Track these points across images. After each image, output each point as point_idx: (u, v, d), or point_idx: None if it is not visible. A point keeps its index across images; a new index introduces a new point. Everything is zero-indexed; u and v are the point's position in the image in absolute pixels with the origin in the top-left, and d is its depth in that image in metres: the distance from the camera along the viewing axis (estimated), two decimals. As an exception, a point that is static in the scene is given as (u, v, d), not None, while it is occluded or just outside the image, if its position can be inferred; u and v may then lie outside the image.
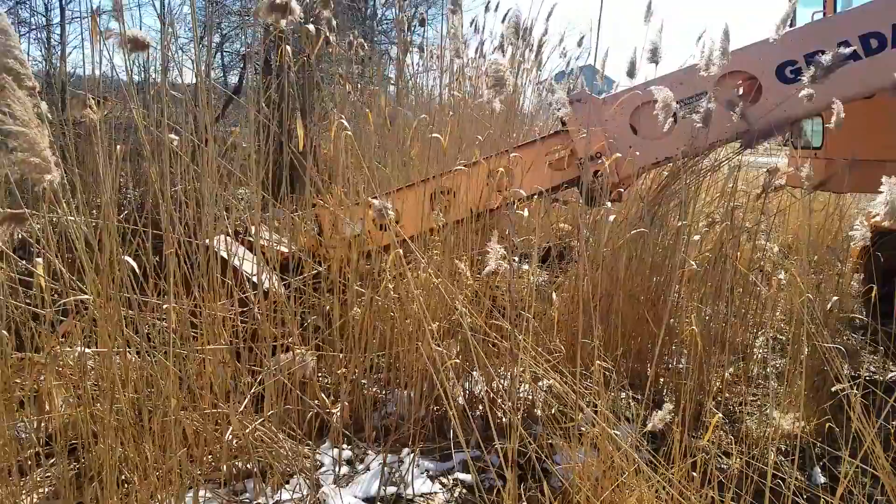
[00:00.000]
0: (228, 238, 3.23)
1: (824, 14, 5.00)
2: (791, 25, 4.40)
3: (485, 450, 2.91)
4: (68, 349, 2.50)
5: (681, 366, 3.64)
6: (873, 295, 3.36)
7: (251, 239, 3.38)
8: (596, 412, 2.46)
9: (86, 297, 2.35)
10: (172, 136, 2.62)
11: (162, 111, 2.55)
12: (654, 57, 3.68)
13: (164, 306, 2.49)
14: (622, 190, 3.68)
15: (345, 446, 3.03)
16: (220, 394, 2.68)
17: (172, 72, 3.22)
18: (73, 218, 2.29)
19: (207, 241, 2.91)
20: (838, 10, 4.91)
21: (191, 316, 2.68)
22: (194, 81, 2.85)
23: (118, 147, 2.60)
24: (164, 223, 2.41)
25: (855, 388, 2.37)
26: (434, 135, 3.43)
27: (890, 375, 4.27)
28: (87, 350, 2.49)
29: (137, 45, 2.32)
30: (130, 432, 2.43)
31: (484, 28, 5.71)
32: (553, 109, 4.18)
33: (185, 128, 2.91)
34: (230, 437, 2.64)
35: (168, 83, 2.82)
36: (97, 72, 2.87)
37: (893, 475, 2.20)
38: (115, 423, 2.37)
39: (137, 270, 2.45)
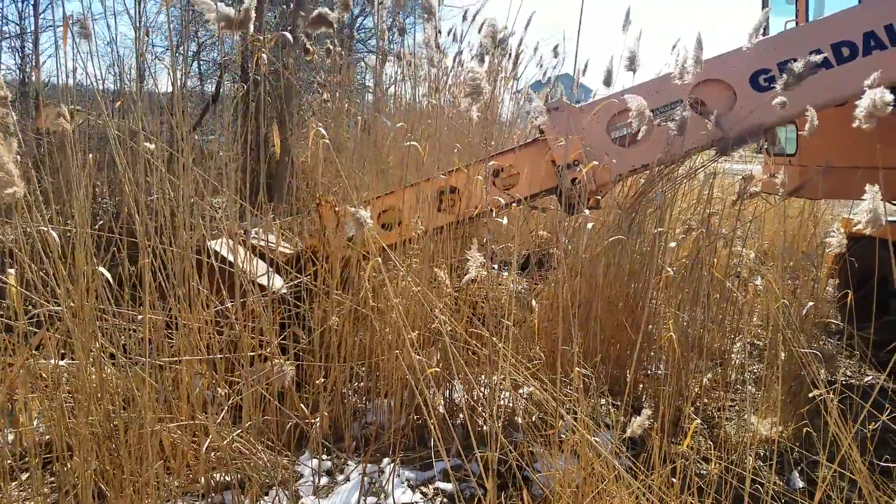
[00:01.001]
0: (230, 241, 3.24)
1: (797, 23, 5.08)
2: (764, 34, 4.46)
3: (465, 458, 2.90)
4: (42, 361, 2.46)
5: (659, 372, 3.65)
6: (849, 300, 3.41)
7: (252, 241, 3.40)
8: (576, 419, 2.46)
9: (58, 308, 2.32)
10: (148, 144, 2.60)
11: (137, 119, 2.53)
12: (632, 65, 3.71)
13: (140, 317, 2.45)
14: (600, 197, 3.71)
15: (324, 457, 3.01)
16: (198, 405, 2.65)
17: (148, 81, 3.19)
18: (45, 228, 2.26)
19: (210, 243, 2.90)
20: (810, 19, 4.99)
21: (167, 326, 2.65)
22: (170, 90, 2.82)
23: (90, 156, 2.56)
24: (140, 233, 2.38)
25: (831, 392, 2.39)
26: (412, 143, 3.42)
27: (866, 380, 4.33)
28: (61, 362, 2.46)
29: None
30: (106, 445, 2.40)
31: (462, 37, 5.73)
32: (531, 118, 4.20)
33: (160, 136, 2.88)
34: (208, 448, 2.60)
35: (144, 92, 2.80)
36: (71, 81, 2.84)
37: (870, 479, 2.22)
38: (91, 435, 2.34)
39: (112, 280, 2.41)
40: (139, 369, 2.41)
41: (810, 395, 2.50)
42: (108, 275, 2.35)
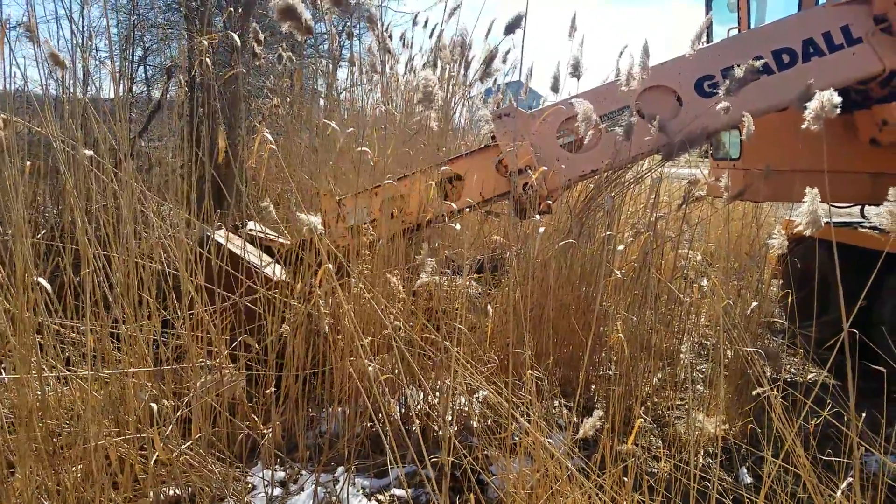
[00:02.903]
0: (228, 232, 3.26)
1: (739, 30, 5.24)
2: (708, 41, 4.57)
3: (420, 464, 2.88)
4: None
5: (610, 372, 3.71)
6: (790, 299, 3.52)
7: (251, 233, 3.37)
8: (530, 421, 2.48)
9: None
10: (87, 151, 2.53)
11: (80, 126, 2.46)
12: (577, 72, 3.76)
13: (82, 328, 2.38)
14: (551, 202, 3.75)
15: (277, 467, 2.96)
16: (145, 417, 2.59)
17: (92, 86, 3.11)
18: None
19: (211, 234, 2.88)
20: (752, 26, 5.15)
21: (112, 337, 2.58)
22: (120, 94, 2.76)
23: (28, 163, 2.48)
24: (81, 241, 2.31)
25: (775, 390, 2.45)
26: (363, 148, 3.41)
27: (809, 377, 4.47)
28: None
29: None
30: (49, 461, 2.32)
31: (412, 43, 5.73)
32: (482, 124, 4.25)
33: (104, 143, 2.81)
34: (156, 462, 2.54)
35: (87, 97, 2.72)
36: (9, 86, 2.75)
37: (814, 473, 2.28)
38: (33, 451, 2.26)
39: (52, 291, 2.34)
40: (82, 382, 2.33)
41: (754, 392, 2.56)
42: (48, 285, 2.28)
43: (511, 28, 3.93)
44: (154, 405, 2.58)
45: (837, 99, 2.16)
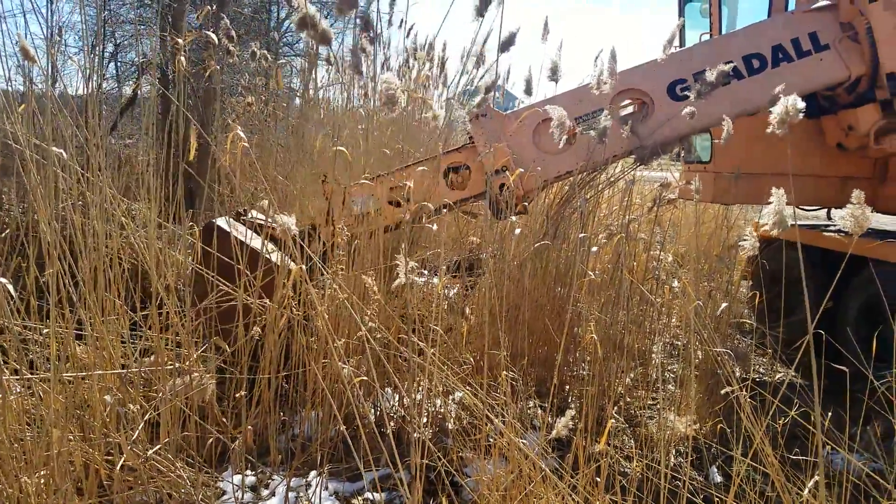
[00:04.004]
0: (231, 220, 3.25)
1: (711, 36, 5.30)
2: (680, 45, 4.62)
3: (394, 467, 2.86)
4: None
5: (584, 372, 3.72)
6: (759, 301, 3.56)
7: (253, 220, 3.37)
8: (504, 422, 2.48)
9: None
10: (56, 149, 2.47)
11: (48, 123, 2.41)
12: (555, 75, 3.78)
13: (45, 330, 2.33)
14: (527, 203, 3.76)
15: (248, 472, 2.92)
16: (111, 422, 2.53)
17: (60, 83, 3.05)
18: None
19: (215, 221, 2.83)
20: (723, 32, 5.22)
21: (77, 339, 2.53)
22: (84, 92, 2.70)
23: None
24: (48, 241, 2.26)
25: (744, 389, 2.48)
26: (339, 148, 3.39)
27: (777, 376, 4.54)
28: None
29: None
30: (12, 466, 2.26)
31: (389, 44, 5.71)
32: (458, 124, 4.25)
33: (73, 140, 2.75)
34: (122, 467, 2.49)
35: (55, 94, 2.67)
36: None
37: (782, 472, 2.31)
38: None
39: (13, 292, 2.28)
40: (44, 385, 2.28)
41: (723, 392, 2.59)
42: (10, 285, 2.22)
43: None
44: (122, 409, 2.53)
45: (801, 104, 2.18)
